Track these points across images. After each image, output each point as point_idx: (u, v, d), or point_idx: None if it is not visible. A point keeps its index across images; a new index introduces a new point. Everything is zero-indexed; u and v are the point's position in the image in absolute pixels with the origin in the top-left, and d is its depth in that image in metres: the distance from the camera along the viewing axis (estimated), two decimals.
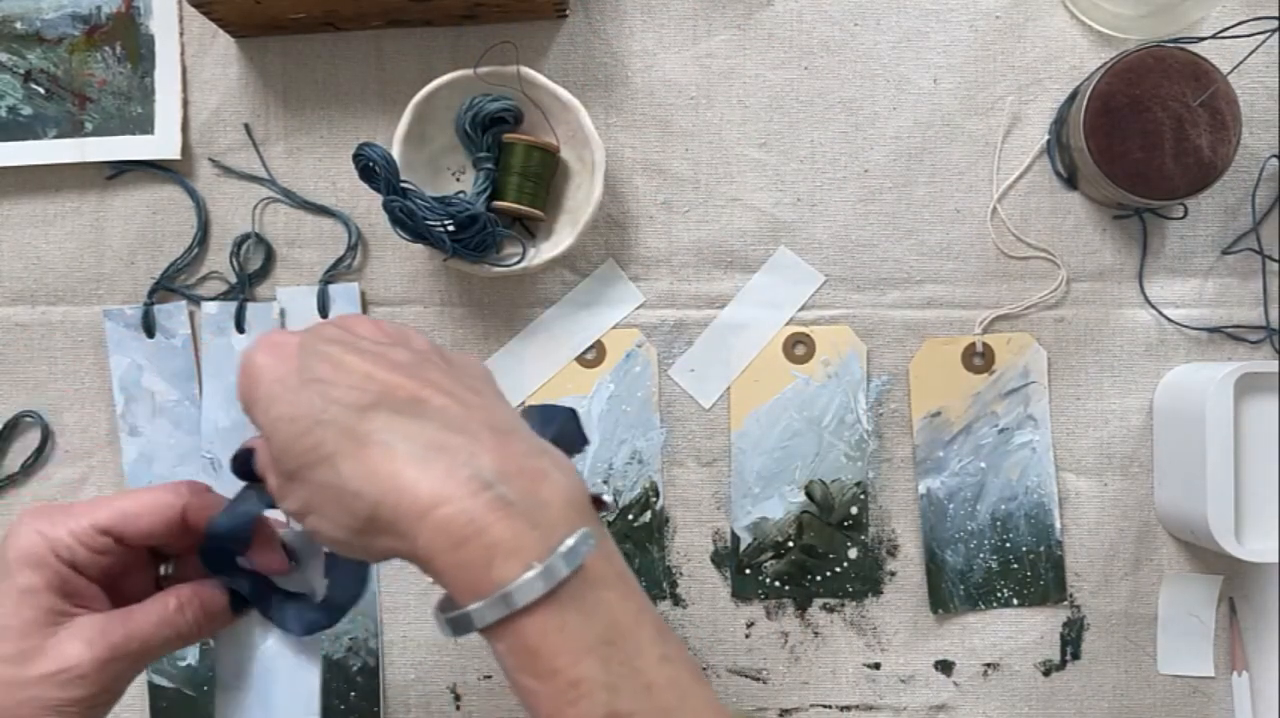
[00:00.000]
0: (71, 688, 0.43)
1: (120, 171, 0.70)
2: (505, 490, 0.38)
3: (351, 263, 0.70)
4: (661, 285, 0.69)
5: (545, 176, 0.66)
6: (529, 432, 0.42)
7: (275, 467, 0.42)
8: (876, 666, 0.69)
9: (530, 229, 0.69)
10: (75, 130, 0.69)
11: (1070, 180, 0.69)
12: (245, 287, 0.69)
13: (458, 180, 0.68)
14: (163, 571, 0.51)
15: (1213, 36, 0.66)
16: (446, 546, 0.37)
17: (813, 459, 0.69)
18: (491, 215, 0.65)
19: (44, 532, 0.44)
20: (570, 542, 0.38)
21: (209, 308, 0.69)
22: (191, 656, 0.69)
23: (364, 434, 0.39)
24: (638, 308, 0.69)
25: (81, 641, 0.44)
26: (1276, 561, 0.61)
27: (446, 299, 0.70)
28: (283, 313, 0.69)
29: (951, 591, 0.68)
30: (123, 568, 0.48)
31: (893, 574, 0.69)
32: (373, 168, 0.62)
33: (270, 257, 0.70)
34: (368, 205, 0.69)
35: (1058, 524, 0.68)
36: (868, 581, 0.68)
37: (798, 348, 0.69)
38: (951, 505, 0.68)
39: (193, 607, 0.48)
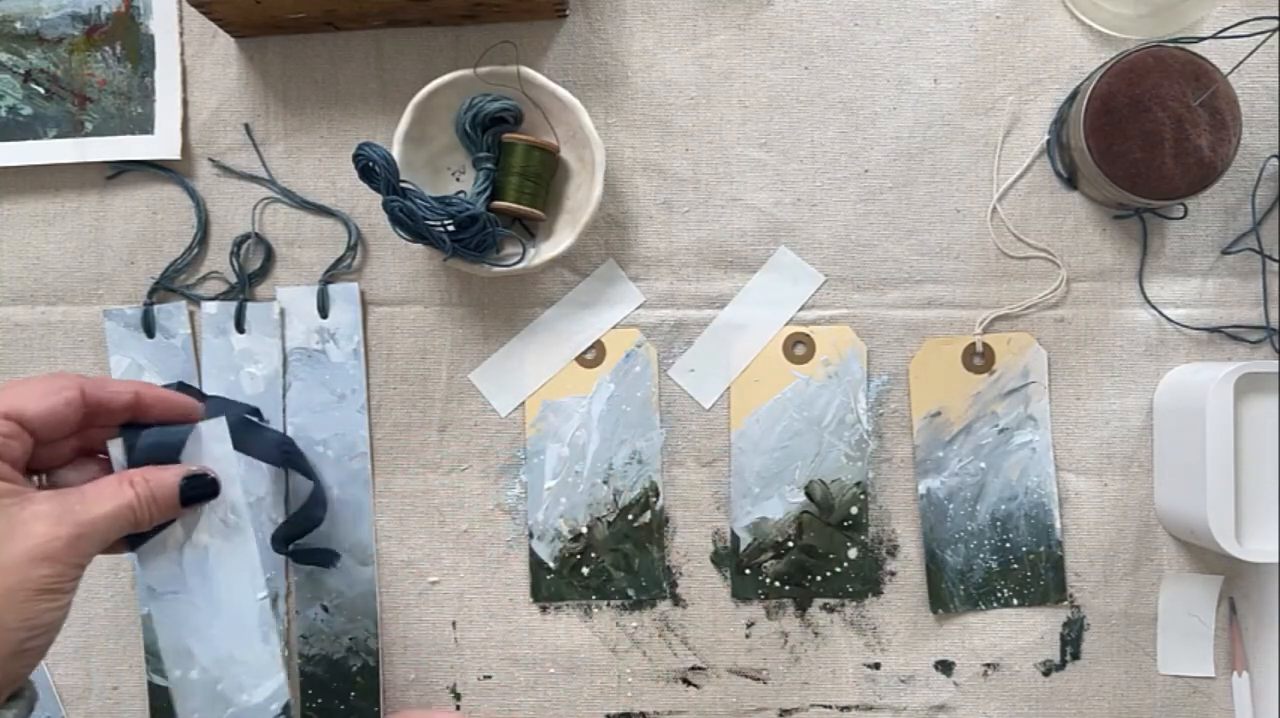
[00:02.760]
0: (46, 567, 0.44)
1: (120, 171, 0.70)
2: None
3: (351, 263, 0.70)
4: (661, 285, 0.69)
5: (545, 177, 0.66)
6: None
7: None
8: (876, 666, 0.69)
9: (530, 229, 0.69)
10: (75, 130, 0.69)
11: (1070, 180, 0.69)
12: (245, 287, 0.69)
13: (458, 180, 0.68)
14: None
15: (1213, 36, 0.66)
16: None
17: (813, 459, 0.69)
18: (491, 215, 0.65)
19: None
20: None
21: (209, 308, 0.69)
22: None
23: None
24: (638, 308, 0.69)
25: (46, 521, 0.45)
26: (1276, 561, 0.61)
27: (446, 299, 0.70)
28: (283, 313, 0.69)
29: (951, 591, 0.68)
30: (47, 458, 0.50)
31: (893, 574, 0.69)
32: (372, 168, 0.62)
33: (270, 256, 0.70)
34: (368, 205, 0.69)
35: (1058, 524, 0.68)
36: (868, 581, 0.68)
37: (798, 348, 0.69)
38: (951, 506, 0.68)
39: (144, 490, 0.50)
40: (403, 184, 0.63)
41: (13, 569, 0.44)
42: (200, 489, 0.53)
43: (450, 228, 0.64)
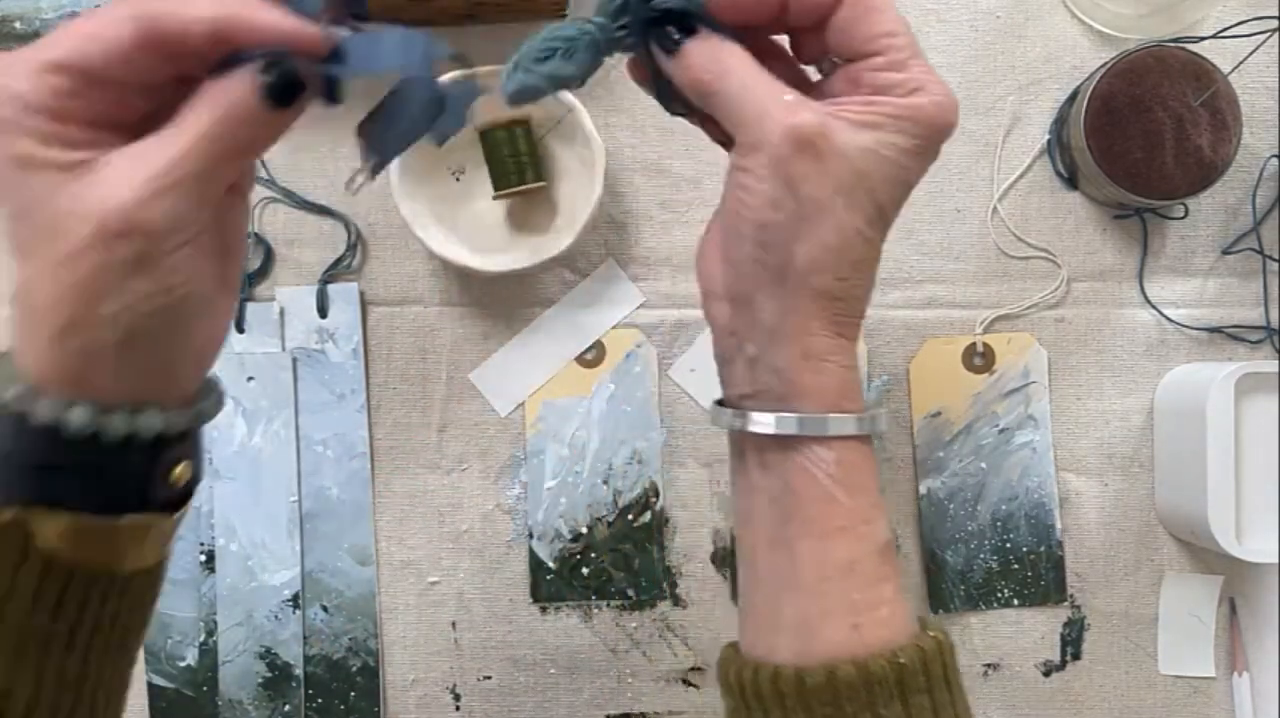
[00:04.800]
0: (124, 242, 0.34)
1: None
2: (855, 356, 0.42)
3: (351, 263, 0.70)
4: (661, 285, 0.69)
5: (532, 148, 0.66)
6: None
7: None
8: None
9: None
10: None
11: (1071, 180, 0.69)
12: (245, 286, 0.69)
13: (458, 180, 0.68)
14: None
15: (1213, 36, 0.66)
16: (821, 351, 0.40)
17: None
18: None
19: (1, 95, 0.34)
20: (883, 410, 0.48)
21: None
22: (191, 657, 0.69)
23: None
24: (638, 308, 0.69)
25: (115, 183, 0.34)
26: (1276, 561, 0.61)
27: (446, 299, 0.70)
28: (282, 312, 0.69)
29: (952, 591, 0.68)
30: (119, 105, 0.36)
31: None
32: None
33: (270, 256, 0.70)
34: (368, 205, 0.69)
35: (1058, 524, 0.68)
36: None
37: None
38: (952, 506, 0.68)
39: (216, 108, 0.35)
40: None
41: (85, 253, 0.34)
42: (285, 77, 0.36)
43: None
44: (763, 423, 0.40)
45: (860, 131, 0.39)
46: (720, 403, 0.44)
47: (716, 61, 0.40)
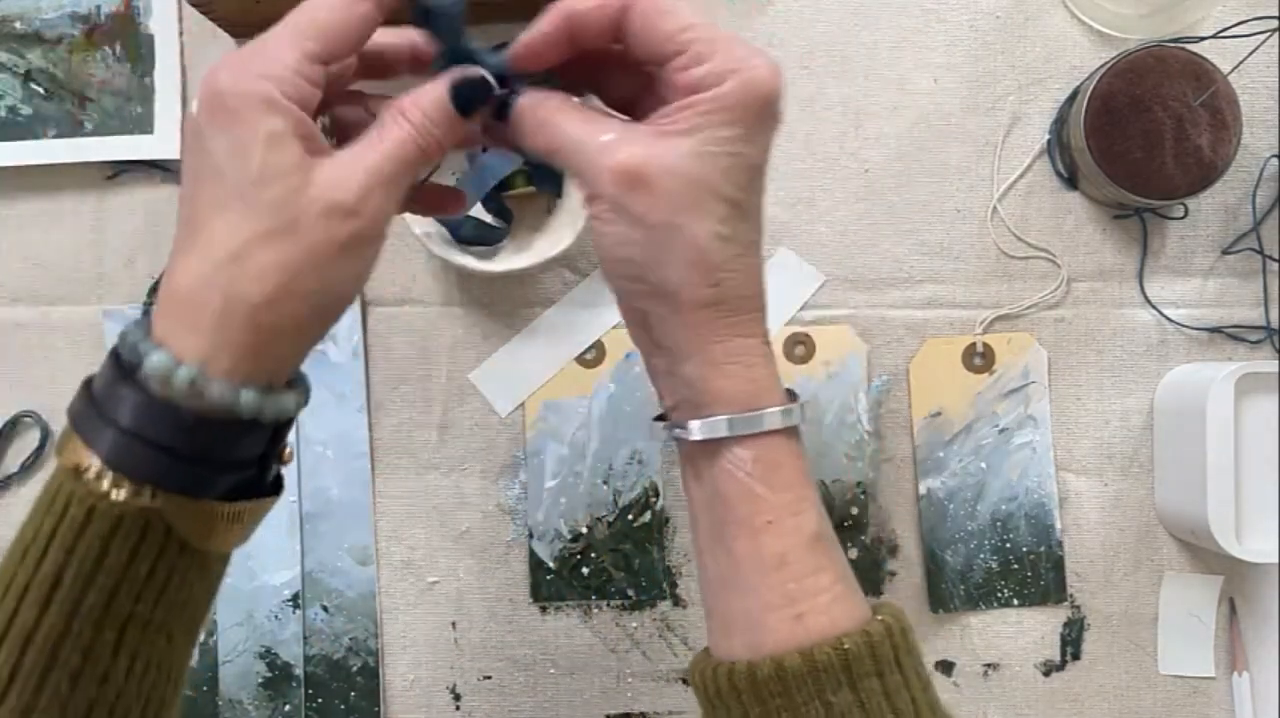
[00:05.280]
0: (343, 221, 0.38)
1: (120, 171, 0.70)
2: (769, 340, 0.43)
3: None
4: None
5: None
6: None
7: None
8: None
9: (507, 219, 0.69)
10: (75, 130, 0.69)
11: (1071, 180, 0.69)
12: None
13: (458, 182, 0.68)
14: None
15: (1213, 36, 0.66)
16: (721, 357, 0.41)
17: (813, 459, 0.68)
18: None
19: (266, 73, 0.38)
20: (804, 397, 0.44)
21: None
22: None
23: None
24: None
25: (337, 171, 0.38)
26: (1276, 561, 0.61)
27: (446, 299, 0.70)
28: None
29: (952, 591, 0.68)
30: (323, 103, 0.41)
31: (893, 574, 0.69)
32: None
33: None
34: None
35: (1058, 524, 0.68)
36: (868, 581, 0.68)
37: (798, 348, 0.69)
38: (952, 506, 0.68)
39: (417, 115, 0.41)
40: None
41: (311, 228, 0.37)
42: (473, 90, 0.41)
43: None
44: (682, 432, 0.42)
45: (682, 140, 0.38)
46: (657, 418, 0.45)
47: (540, 121, 0.41)
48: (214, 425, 0.38)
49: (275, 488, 0.44)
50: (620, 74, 0.43)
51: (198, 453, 0.38)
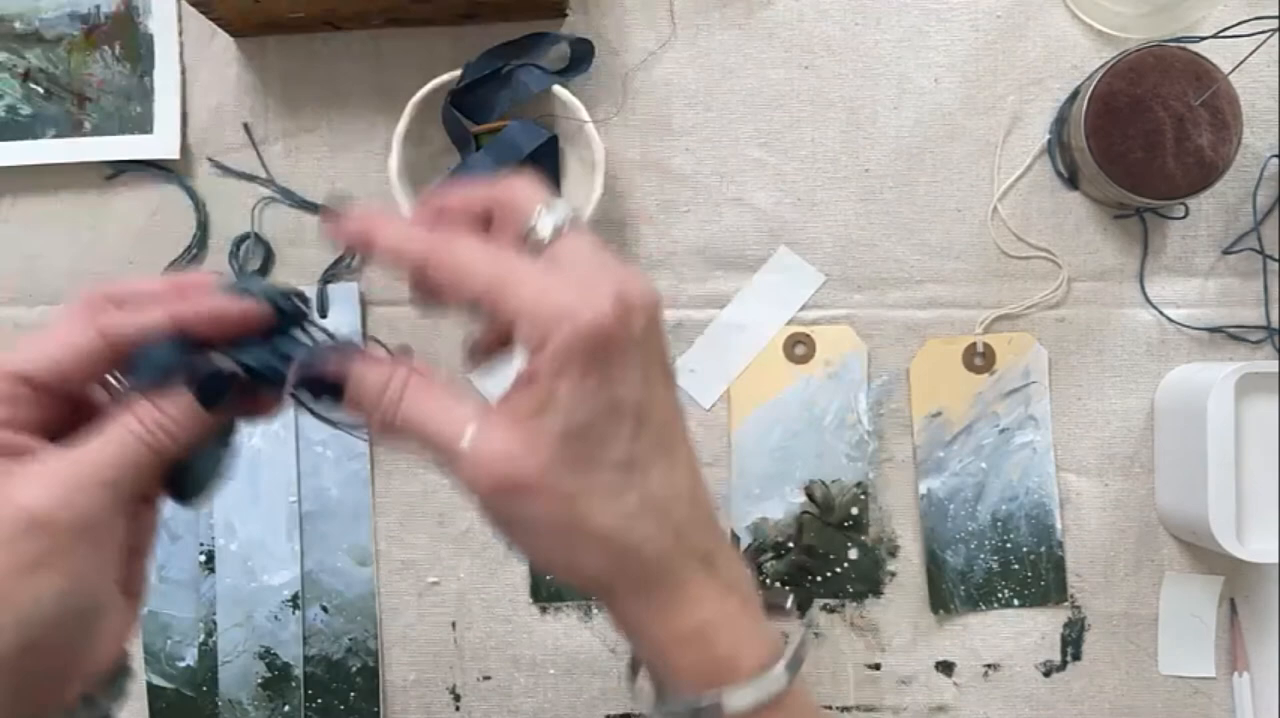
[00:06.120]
0: (31, 537, 0.35)
1: (119, 171, 0.70)
2: (735, 581, 0.38)
3: (351, 263, 0.69)
4: (662, 285, 0.69)
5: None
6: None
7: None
8: (877, 666, 0.69)
9: None
10: (74, 130, 0.69)
11: (1071, 180, 0.69)
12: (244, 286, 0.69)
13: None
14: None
15: (1214, 36, 0.65)
16: (670, 642, 0.37)
17: (813, 460, 0.68)
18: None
19: None
20: (794, 646, 0.38)
21: None
22: (190, 657, 0.69)
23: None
24: None
25: (36, 482, 0.36)
26: (1277, 561, 0.61)
27: None
28: None
29: (952, 591, 0.68)
30: (68, 412, 0.39)
31: (893, 575, 0.69)
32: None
33: (270, 256, 0.70)
34: (368, 205, 0.69)
35: (1058, 525, 0.68)
36: (868, 581, 0.68)
37: (798, 348, 0.69)
38: (952, 506, 0.68)
39: (148, 411, 0.38)
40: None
41: (6, 542, 0.35)
42: (218, 385, 0.39)
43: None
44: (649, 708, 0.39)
45: (541, 420, 0.35)
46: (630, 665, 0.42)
47: (393, 404, 0.39)
48: None
49: None
50: None
51: None
